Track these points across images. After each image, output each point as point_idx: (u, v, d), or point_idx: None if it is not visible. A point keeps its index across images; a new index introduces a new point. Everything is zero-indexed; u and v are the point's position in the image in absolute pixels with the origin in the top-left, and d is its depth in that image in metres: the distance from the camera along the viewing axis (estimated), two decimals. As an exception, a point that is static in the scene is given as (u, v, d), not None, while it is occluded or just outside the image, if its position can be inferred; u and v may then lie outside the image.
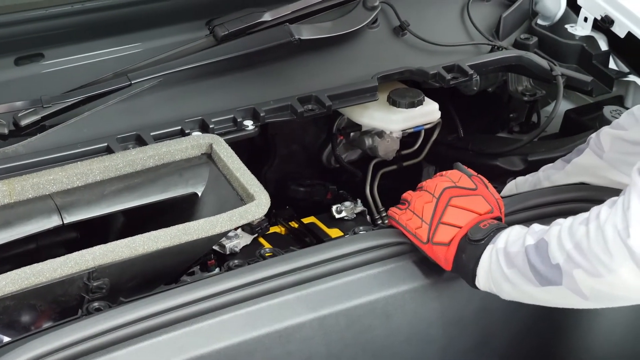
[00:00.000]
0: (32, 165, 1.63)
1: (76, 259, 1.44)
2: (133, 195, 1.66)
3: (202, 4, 1.96)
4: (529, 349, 1.76)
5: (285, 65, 1.93)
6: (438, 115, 1.99)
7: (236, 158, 1.69)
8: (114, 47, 1.88)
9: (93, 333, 1.35)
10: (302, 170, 2.21)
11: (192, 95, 1.85)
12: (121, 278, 1.54)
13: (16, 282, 1.40)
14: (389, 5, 2.05)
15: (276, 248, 1.80)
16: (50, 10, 1.85)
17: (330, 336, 1.53)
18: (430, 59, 2.02)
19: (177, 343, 1.40)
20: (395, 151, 2.05)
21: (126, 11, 1.92)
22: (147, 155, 1.67)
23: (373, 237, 1.60)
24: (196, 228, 1.53)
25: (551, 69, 2.01)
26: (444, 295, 1.61)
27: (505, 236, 1.44)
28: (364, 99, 1.92)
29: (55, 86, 1.76)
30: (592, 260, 1.27)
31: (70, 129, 1.72)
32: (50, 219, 1.58)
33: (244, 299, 1.46)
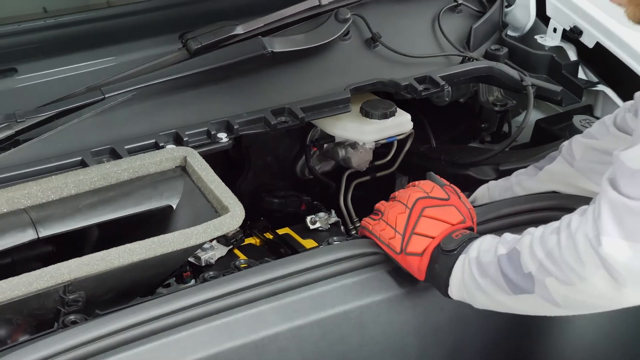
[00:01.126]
0: (6, 180, 1.62)
1: (52, 272, 1.43)
2: (108, 208, 1.65)
3: (174, 18, 1.97)
4: (502, 356, 1.74)
5: (258, 77, 1.93)
6: (410, 126, 1.99)
7: (210, 170, 1.69)
8: (87, 61, 1.87)
9: (69, 346, 1.35)
10: (276, 182, 2.21)
11: (166, 109, 1.84)
12: (97, 291, 1.53)
13: None
14: (360, 17, 2.05)
15: (251, 259, 1.80)
16: (23, 25, 1.86)
17: (305, 346, 1.53)
18: (402, 70, 2.02)
19: (153, 354, 1.40)
20: (368, 162, 2.04)
21: (99, 25, 1.92)
22: (122, 169, 1.66)
23: (347, 247, 1.60)
24: (171, 240, 1.52)
25: (521, 79, 2.02)
26: (417, 305, 1.60)
27: (478, 246, 1.44)
28: (336, 111, 1.91)
29: (29, 101, 1.75)
30: (564, 268, 1.27)
31: (45, 143, 1.71)
32: (25, 233, 1.56)
33: (219, 310, 1.46)
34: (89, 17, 1.93)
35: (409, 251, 1.51)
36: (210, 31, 1.92)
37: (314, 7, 2.01)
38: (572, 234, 1.27)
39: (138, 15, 1.96)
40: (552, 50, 2.13)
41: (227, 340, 1.46)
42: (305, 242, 1.93)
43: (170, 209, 1.68)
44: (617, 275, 1.21)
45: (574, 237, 1.26)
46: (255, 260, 1.74)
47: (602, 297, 1.27)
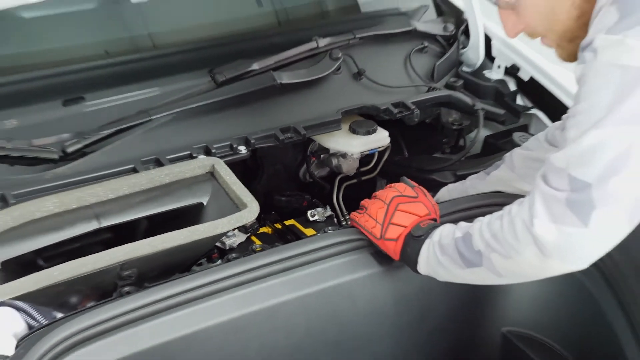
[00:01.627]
0: (76, 183, 1.65)
1: (111, 254, 1.47)
2: (153, 204, 1.66)
3: (204, 58, 1.97)
4: (459, 318, 1.78)
5: (269, 103, 1.93)
6: (388, 141, 2.01)
7: (233, 175, 1.70)
8: (138, 90, 1.88)
9: (124, 311, 1.39)
10: (284, 184, 2.21)
11: (198, 127, 1.84)
12: (146, 268, 1.56)
13: (66, 272, 1.42)
14: (349, 56, 2.05)
15: (264, 244, 1.85)
16: (89, 63, 1.89)
17: (306, 311, 1.56)
18: (382, 97, 2.03)
19: (189, 318, 1.44)
20: (355, 168, 2.06)
21: (147, 63, 1.94)
22: (164, 174, 1.69)
23: (339, 234, 1.62)
24: (202, 229, 1.54)
25: (473, 105, 2.06)
26: (393, 279, 1.62)
27: (439, 232, 1.45)
28: (330, 129, 1.93)
29: (93, 122, 1.76)
30: (504, 245, 1.28)
31: (105, 154, 1.73)
32: (90, 223, 1.59)
33: (240, 283, 1.49)
34: (139, 57, 1.96)
35: (387, 237, 1.53)
36: (232, 67, 1.92)
37: (313, 49, 2.01)
38: (512, 218, 1.27)
39: (177, 55, 1.98)
40: (497, 82, 2.15)
41: (246, 306, 1.49)
42: (307, 230, 1.95)
43: (201, 205, 1.70)
44: (545, 250, 1.22)
45: (513, 221, 1.26)
46: (267, 245, 1.81)
47: (533, 268, 1.27)
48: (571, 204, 1.19)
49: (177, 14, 2.21)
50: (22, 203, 1.56)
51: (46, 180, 1.64)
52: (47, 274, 1.43)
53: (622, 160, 1.16)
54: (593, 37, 1.18)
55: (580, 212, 1.18)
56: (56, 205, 1.58)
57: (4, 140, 1.66)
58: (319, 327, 1.60)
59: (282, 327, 1.55)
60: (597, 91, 1.18)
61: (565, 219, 1.20)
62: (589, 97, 1.19)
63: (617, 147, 1.16)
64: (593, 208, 1.17)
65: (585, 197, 1.18)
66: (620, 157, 1.16)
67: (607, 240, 1.22)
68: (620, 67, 1.15)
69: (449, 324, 1.77)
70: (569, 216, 1.19)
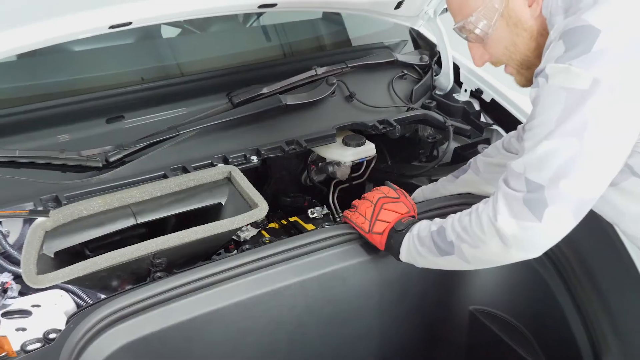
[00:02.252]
0: (117, 187, 1.65)
1: (145, 245, 1.47)
2: (180, 204, 1.67)
3: (223, 83, 1.96)
4: (433, 298, 1.78)
5: (276, 120, 1.92)
6: (374, 152, 2.00)
7: (246, 180, 1.70)
8: (167, 110, 1.88)
9: (156, 292, 1.41)
10: (288, 187, 2.20)
11: (217, 141, 1.83)
12: (174, 257, 1.56)
13: (108, 260, 1.43)
14: (342, 82, 2.05)
15: (272, 237, 1.84)
16: (128, 88, 1.89)
17: (307, 292, 1.56)
18: (369, 116, 2.02)
19: (210, 298, 1.44)
20: (347, 174, 2.06)
21: (175, 88, 1.93)
22: (189, 179, 1.68)
23: (334, 229, 1.61)
24: (221, 225, 1.55)
25: (445, 122, 2.05)
26: (379, 266, 1.62)
27: (418, 226, 1.46)
28: (327, 142, 1.92)
29: (131, 136, 1.76)
30: (473, 237, 1.29)
31: (141, 163, 1.72)
32: (128, 220, 1.60)
33: (252, 269, 1.49)
34: (169, 83, 1.95)
35: (374, 231, 1.53)
36: (246, 91, 1.92)
37: (312, 76, 2.01)
38: (479, 214, 1.27)
39: (200, 81, 1.97)
40: (464, 103, 2.14)
41: (257, 288, 1.49)
42: (307, 226, 1.95)
43: (220, 205, 1.69)
44: (506, 241, 1.22)
45: (480, 217, 1.27)
46: (275, 238, 1.82)
47: (497, 256, 1.28)
48: (528, 202, 1.19)
49: (201, 47, 2.22)
50: (72, 203, 1.56)
51: (92, 184, 1.65)
52: (92, 262, 1.44)
53: (569, 166, 1.17)
54: (545, 65, 1.20)
55: (535, 209, 1.19)
56: (100, 205, 1.58)
57: (57, 151, 1.67)
58: (316, 305, 1.59)
59: (286, 304, 1.54)
60: (548, 109, 1.19)
61: (523, 215, 1.20)
62: (541, 114, 1.20)
63: (564, 155, 1.17)
64: (546, 206, 1.18)
65: (539, 197, 1.18)
66: (568, 163, 1.16)
67: (557, 233, 1.22)
68: (566, 90, 1.16)
69: (425, 302, 1.76)
70: (526, 213, 1.19)
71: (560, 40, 1.18)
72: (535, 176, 1.19)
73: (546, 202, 1.18)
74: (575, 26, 1.17)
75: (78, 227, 1.55)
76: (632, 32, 1.14)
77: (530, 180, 1.20)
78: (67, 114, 1.77)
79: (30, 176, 1.61)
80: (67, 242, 1.54)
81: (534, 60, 1.33)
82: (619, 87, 1.14)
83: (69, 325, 1.33)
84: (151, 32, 2.11)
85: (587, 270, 1.59)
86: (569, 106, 1.15)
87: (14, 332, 1.35)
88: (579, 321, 1.56)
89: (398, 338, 1.77)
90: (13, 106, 1.74)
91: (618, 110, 1.15)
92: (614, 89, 1.13)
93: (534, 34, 1.32)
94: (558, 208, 1.18)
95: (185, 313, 1.42)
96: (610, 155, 1.18)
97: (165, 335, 1.40)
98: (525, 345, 1.70)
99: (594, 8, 1.17)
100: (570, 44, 1.16)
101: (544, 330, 1.66)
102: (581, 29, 1.16)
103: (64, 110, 1.78)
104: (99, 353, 1.33)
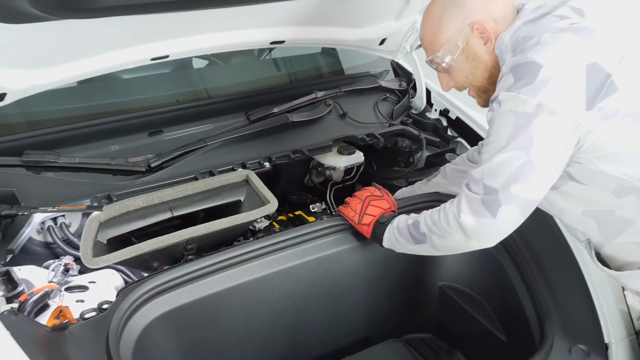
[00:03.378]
0: (157, 187, 1.65)
1: (180, 234, 1.48)
2: (208, 201, 1.66)
3: (241, 104, 1.95)
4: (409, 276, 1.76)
5: (284, 134, 1.92)
6: (363, 159, 1.99)
7: (260, 182, 1.70)
8: (197, 126, 1.87)
9: (188, 271, 1.40)
10: (294, 187, 2.20)
11: (237, 150, 1.83)
12: (203, 243, 1.56)
13: (150, 246, 1.45)
14: (337, 103, 2.05)
15: (281, 227, 1.84)
16: (166, 108, 1.88)
17: (309, 271, 1.55)
18: (358, 130, 2.02)
19: (232, 276, 1.44)
20: (341, 177, 2.05)
21: (203, 108, 1.91)
22: (215, 181, 1.68)
23: (330, 221, 1.60)
24: (241, 218, 1.56)
25: (419, 135, 2.06)
26: (366, 250, 1.61)
27: (397, 220, 1.45)
28: (325, 151, 1.92)
29: (169, 146, 1.76)
30: (441, 230, 1.29)
31: (176, 168, 1.72)
32: (166, 213, 1.60)
33: (265, 253, 1.49)
34: (198, 104, 1.92)
35: (362, 223, 1.52)
36: (260, 110, 1.91)
37: (313, 98, 2.00)
38: (446, 212, 1.28)
39: (223, 103, 1.95)
40: (434, 120, 2.13)
41: (269, 269, 1.48)
42: (309, 218, 1.94)
43: (239, 202, 1.70)
44: (468, 234, 1.23)
45: (447, 214, 1.27)
46: (283, 228, 1.82)
47: (460, 245, 1.28)
48: (485, 202, 1.20)
49: (224, 75, 2.21)
50: (121, 200, 1.56)
51: (137, 185, 1.64)
52: (137, 247, 1.45)
53: (518, 174, 1.17)
54: (498, 93, 1.20)
55: (491, 208, 1.20)
56: (143, 202, 1.59)
57: (109, 159, 1.67)
58: (316, 281, 1.58)
59: (293, 281, 1.54)
60: (501, 128, 1.19)
61: (481, 213, 1.21)
62: (496, 132, 1.20)
63: (514, 165, 1.17)
64: (499, 205, 1.19)
65: (494, 198, 1.19)
66: (517, 171, 1.17)
67: (508, 227, 1.22)
68: (515, 113, 1.16)
69: (403, 279, 1.75)
70: (484, 211, 1.20)
71: (510, 74, 1.17)
72: (491, 182, 1.19)
73: (500, 202, 1.18)
74: (522, 62, 1.16)
75: (126, 219, 1.55)
76: (567, 66, 1.14)
77: (487, 185, 1.20)
78: (117, 128, 1.77)
79: (87, 179, 1.61)
80: (117, 231, 1.54)
81: (489, 86, 1.34)
82: (557, 110, 1.14)
83: (118, 297, 1.34)
84: (184, 63, 2.11)
85: (533, 254, 1.59)
86: (517, 126, 1.16)
87: (74, 303, 1.36)
88: (527, 295, 1.55)
89: (381, 309, 1.76)
90: (74, 122, 1.74)
91: (557, 129, 1.15)
92: (553, 112, 1.13)
93: (488, 66, 1.32)
94: (509, 207, 1.18)
95: (212, 288, 1.42)
96: (551, 165, 1.18)
97: (196, 306, 1.39)
98: (484, 314, 1.69)
99: (536, 48, 1.17)
100: (518, 76, 1.16)
101: (500, 302, 1.65)
102: (526, 64, 1.15)
103: (114, 126, 1.78)
104: (142, 320, 1.33)
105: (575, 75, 1.13)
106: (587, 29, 1.18)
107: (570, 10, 1.23)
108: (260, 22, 1.66)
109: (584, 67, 1.13)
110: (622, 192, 1.19)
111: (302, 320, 1.59)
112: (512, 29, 1.25)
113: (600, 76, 1.13)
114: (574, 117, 1.14)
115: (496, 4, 1.28)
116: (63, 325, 1.23)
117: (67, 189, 1.56)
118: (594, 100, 1.13)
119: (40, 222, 1.57)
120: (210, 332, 1.45)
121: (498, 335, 1.64)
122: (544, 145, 1.15)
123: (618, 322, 1.44)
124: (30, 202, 1.50)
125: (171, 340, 1.38)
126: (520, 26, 1.25)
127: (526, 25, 1.24)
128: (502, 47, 1.27)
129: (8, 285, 1.32)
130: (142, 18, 1.39)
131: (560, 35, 1.17)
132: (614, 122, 1.14)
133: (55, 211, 1.49)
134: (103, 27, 1.36)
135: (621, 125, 1.14)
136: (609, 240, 1.27)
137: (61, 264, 1.47)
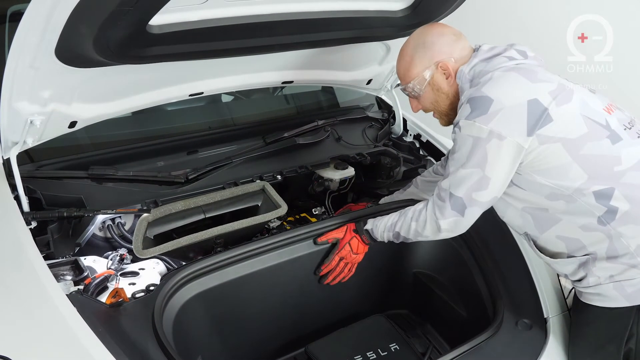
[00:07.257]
0: (193, 195, 1.62)
1: (210, 231, 1.47)
2: (232, 205, 1.65)
3: (259, 130, 1.94)
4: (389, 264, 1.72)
5: (293, 153, 1.88)
6: (353, 173, 1.97)
7: (274, 190, 1.68)
8: (225, 147, 1.85)
9: (218, 260, 1.38)
10: (300, 195, 2.15)
11: (255, 166, 1.80)
12: (229, 238, 1.54)
13: (187, 241, 1.45)
14: (333, 129, 2.04)
15: (290, 226, 1.81)
16: (199, 133, 1.87)
17: (312, 259, 1.52)
18: (350, 150, 1.98)
19: (252, 264, 1.42)
20: (337, 187, 2.02)
21: (229, 133, 1.90)
22: (238, 190, 1.66)
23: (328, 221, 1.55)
24: (259, 219, 1.55)
25: (397, 154, 2.03)
26: None
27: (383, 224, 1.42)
28: (324, 167, 1.89)
29: (202, 163, 1.74)
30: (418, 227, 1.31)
31: (208, 179, 1.69)
32: (200, 215, 1.59)
33: (278, 246, 1.46)
34: (226, 130, 1.90)
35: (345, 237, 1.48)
36: (273, 135, 1.89)
37: (314, 126, 1.99)
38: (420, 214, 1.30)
39: (245, 129, 1.93)
40: (410, 143, 2.11)
41: (281, 258, 1.45)
42: (312, 219, 1.92)
43: (257, 206, 1.68)
44: (440, 229, 1.25)
45: (421, 214, 1.30)
46: (292, 226, 1.77)
47: (432, 235, 1.29)
48: (453, 206, 1.23)
49: (246, 108, 2.20)
50: (165, 205, 1.55)
51: (177, 193, 1.63)
52: (177, 241, 1.45)
53: (477, 185, 1.19)
54: (459, 120, 1.21)
55: (459, 210, 1.23)
56: (182, 206, 1.57)
57: (156, 172, 1.66)
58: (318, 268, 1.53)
59: (300, 268, 1.51)
60: (461, 148, 1.20)
61: (449, 214, 1.24)
62: (458, 151, 1.21)
63: (473, 178, 1.19)
64: (465, 207, 1.22)
65: (460, 203, 1.22)
66: (476, 183, 1.19)
67: (471, 222, 1.25)
68: (472, 137, 1.17)
69: (385, 266, 1.72)
70: (453, 213, 1.23)
71: (468, 104, 1.19)
72: (456, 191, 1.22)
73: (465, 205, 1.22)
74: (477, 96, 1.18)
75: (168, 220, 1.55)
76: (512, 101, 1.15)
77: (452, 193, 1.23)
78: (162, 149, 1.77)
79: (138, 188, 1.60)
80: (161, 229, 1.54)
81: (449, 111, 1.34)
82: (505, 135, 1.15)
83: (162, 281, 1.32)
84: (215, 98, 2.10)
85: (486, 246, 1.58)
86: (474, 148, 1.17)
87: (127, 285, 1.35)
88: (482, 278, 1.54)
89: (368, 289, 1.73)
90: (129, 144, 1.74)
91: (504, 150, 1.16)
92: (502, 136, 1.15)
93: (449, 95, 1.32)
94: (472, 209, 1.22)
95: (236, 273, 1.40)
96: (502, 177, 1.19)
97: (223, 287, 1.38)
98: (448, 294, 1.67)
99: (488, 84, 1.19)
100: (474, 107, 1.17)
101: (461, 284, 1.63)
102: (481, 98, 1.17)
103: (160, 147, 1.77)
104: (180, 299, 1.32)
105: (519, 108, 1.14)
106: (529, 70, 1.20)
107: (516, 53, 1.25)
108: (274, 67, 1.67)
109: (526, 102, 1.14)
110: (553, 197, 1.21)
111: (306, 299, 1.57)
112: (471, 64, 1.27)
113: (538, 109, 1.14)
114: (517, 141, 1.16)
115: (457, 48, 1.30)
116: (118, 303, 1.23)
117: (122, 196, 1.56)
118: (534, 128, 1.15)
119: (102, 222, 1.56)
120: (234, 308, 1.44)
121: (460, 311, 1.63)
122: (495, 163, 1.17)
123: (554, 300, 1.43)
124: (94, 206, 1.51)
125: (203, 314, 1.37)
126: (477, 62, 1.26)
127: (482, 62, 1.26)
128: (462, 77, 1.28)
129: (76, 271, 1.33)
130: (183, 63, 1.40)
131: (508, 75, 1.19)
132: (548, 146, 1.16)
133: (113, 213, 1.50)
134: (152, 70, 1.38)
135: (553, 148, 1.16)
136: (542, 233, 1.27)
137: (117, 255, 1.46)
